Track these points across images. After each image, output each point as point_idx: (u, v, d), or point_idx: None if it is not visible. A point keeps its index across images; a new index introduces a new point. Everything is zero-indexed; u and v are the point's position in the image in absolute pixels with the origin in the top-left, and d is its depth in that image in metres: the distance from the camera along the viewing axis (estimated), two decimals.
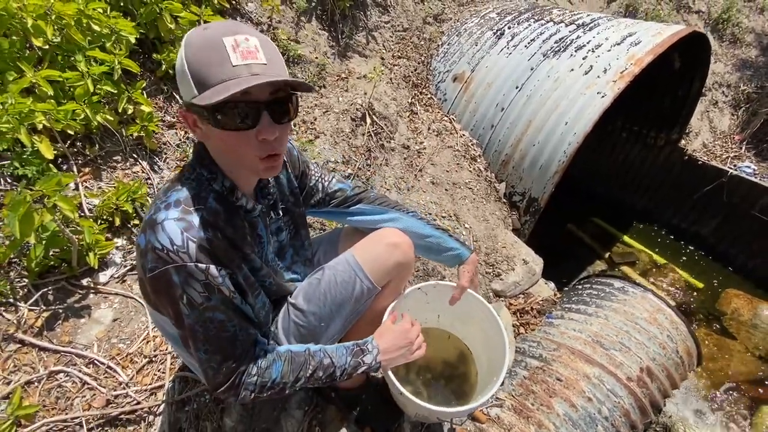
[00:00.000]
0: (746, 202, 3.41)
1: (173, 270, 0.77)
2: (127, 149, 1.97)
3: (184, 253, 0.76)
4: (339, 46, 2.90)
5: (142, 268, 0.81)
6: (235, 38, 0.71)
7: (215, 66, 0.71)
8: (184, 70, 0.73)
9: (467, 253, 1.27)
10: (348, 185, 1.23)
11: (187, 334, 0.84)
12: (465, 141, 2.88)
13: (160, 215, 0.78)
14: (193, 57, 0.72)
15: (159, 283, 0.79)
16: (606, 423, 1.76)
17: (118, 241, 1.74)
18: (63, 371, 1.39)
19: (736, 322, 3.15)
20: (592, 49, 2.54)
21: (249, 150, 0.79)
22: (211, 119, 0.74)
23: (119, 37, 1.93)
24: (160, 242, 0.76)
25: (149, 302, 0.95)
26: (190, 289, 0.79)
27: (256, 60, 0.72)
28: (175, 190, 0.82)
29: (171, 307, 0.82)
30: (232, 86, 0.69)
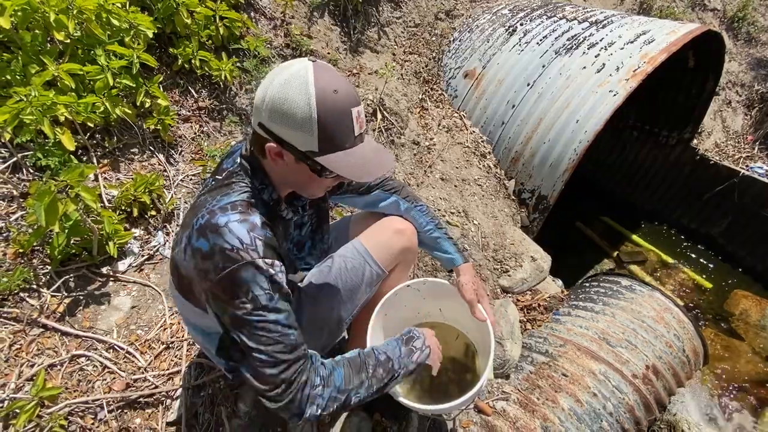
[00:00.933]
0: (757, 203, 3.38)
1: (243, 267, 0.79)
2: (145, 142, 2.02)
3: (253, 251, 0.80)
4: (351, 41, 2.92)
5: (205, 270, 0.81)
6: (357, 110, 0.83)
7: (344, 135, 0.82)
8: (311, 127, 0.79)
9: (460, 261, 1.28)
10: None
11: (246, 334, 0.82)
12: (475, 137, 2.89)
13: (221, 219, 0.81)
14: (326, 121, 0.79)
15: (227, 283, 0.79)
16: (610, 419, 1.78)
17: (135, 231, 1.79)
18: (84, 355, 1.44)
19: (744, 323, 3.14)
20: (605, 47, 2.53)
21: (324, 186, 0.94)
22: (319, 170, 0.85)
23: (138, 31, 1.97)
24: (230, 243, 0.79)
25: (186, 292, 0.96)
26: (257, 287, 0.80)
27: (363, 128, 0.87)
28: (225, 195, 0.86)
29: (235, 307, 0.80)
30: (362, 165, 0.84)
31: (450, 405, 1.08)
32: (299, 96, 0.77)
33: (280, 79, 0.79)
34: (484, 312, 1.19)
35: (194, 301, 0.96)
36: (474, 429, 1.70)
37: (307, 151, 0.81)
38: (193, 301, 0.97)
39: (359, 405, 0.95)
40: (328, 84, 0.78)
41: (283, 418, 0.93)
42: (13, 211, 1.62)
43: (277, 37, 2.60)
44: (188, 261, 0.85)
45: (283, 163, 0.86)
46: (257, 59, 2.40)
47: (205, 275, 0.82)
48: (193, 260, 0.83)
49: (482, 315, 1.19)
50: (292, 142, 0.81)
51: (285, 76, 0.79)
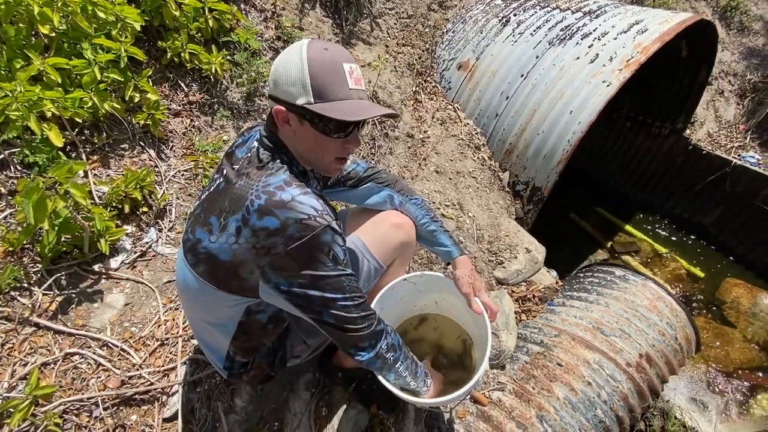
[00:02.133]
0: (749, 193, 3.41)
1: (323, 231, 0.85)
2: (135, 137, 1.99)
3: (327, 215, 0.87)
4: (343, 33, 2.89)
5: (270, 246, 0.85)
6: (351, 66, 0.89)
7: (337, 85, 0.86)
8: (304, 81, 0.85)
9: (456, 253, 1.28)
10: (362, 166, 1.27)
11: (334, 291, 0.90)
12: (469, 130, 2.88)
13: (285, 195, 0.85)
14: (316, 69, 0.85)
15: (306, 249, 0.84)
16: (605, 407, 1.80)
17: (127, 228, 1.77)
18: (78, 353, 1.43)
19: (735, 311, 3.19)
20: (599, 37, 2.52)
21: (333, 152, 0.95)
22: (319, 125, 0.89)
23: (125, 24, 1.93)
24: (305, 212, 0.84)
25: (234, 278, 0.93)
26: (336, 245, 0.88)
27: (361, 87, 0.91)
28: (269, 175, 0.90)
29: (317, 269, 0.87)
30: (358, 109, 0.86)
31: (446, 398, 1.09)
32: (294, 56, 0.86)
33: (283, 53, 0.90)
34: (481, 305, 1.19)
35: (234, 287, 0.93)
36: (470, 419, 1.71)
37: (303, 104, 0.86)
38: (232, 286, 0.94)
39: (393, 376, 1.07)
40: (320, 45, 0.88)
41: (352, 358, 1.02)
42: (2, 208, 1.60)
43: (268, 30, 2.56)
44: (242, 243, 0.87)
45: (290, 129, 0.92)
46: (248, 52, 2.36)
47: (268, 251, 0.85)
48: (252, 239, 0.85)
49: (479, 308, 1.18)
50: (291, 99, 0.87)
51: (287, 49, 0.90)
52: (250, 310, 1.00)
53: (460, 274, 1.23)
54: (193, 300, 1.02)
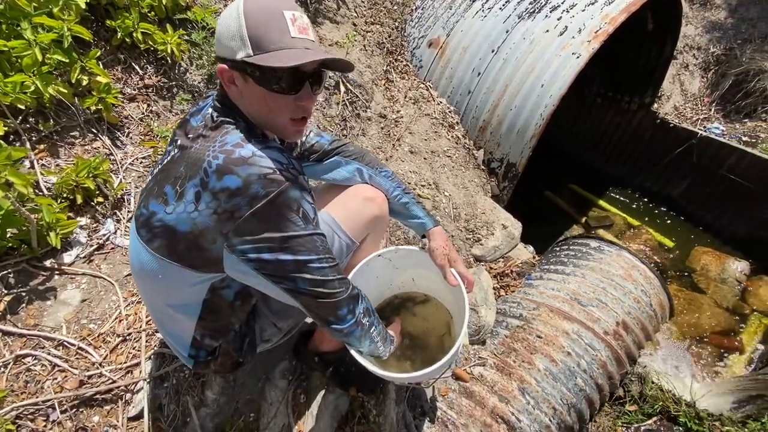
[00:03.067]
0: (714, 163, 3.50)
1: (290, 186, 0.79)
2: (86, 124, 1.85)
3: (293, 168, 0.81)
4: (308, 12, 2.77)
5: (233, 208, 0.77)
6: (293, 13, 0.81)
7: (277, 34, 0.79)
8: (241, 31, 0.79)
9: (430, 224, 1.24)
10: (327, 139, 1.20)
11: (307, 252, 0.83)
12: (442, 108, 2.83)
13: (244, 152, 0.78)
14: (253, 19, 0.78)
15: (273, 207, 0.78)
16: (585, 375, 1.82)
17: (81, 220, 1.66)
18: (30, 354, 1.33)
19: (705, 278, 3.29)
20: (567, 9, 2.50)
21: (286, 111, 0.87)
22: (262, 80, 0.81)
23: (67, 2, 1.78)
24: (268, 166, 0.78)
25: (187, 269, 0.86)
26: (305, 202, 0.82)
27: (308, 36, 0.83)
28: (224, 135, 0.83)
29: (281, 231, 0.80)
30: (297, 55, 0.78)
31: (423, 372, 1.05)
32: (233, 9, 0.80)
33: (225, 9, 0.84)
34: (457, 276, 1.15)
35: (196, 260, 0.86)
36: (453, 396, 1.70)
37: (243, 57, 0.80)
38: (194, 260, 0.86)
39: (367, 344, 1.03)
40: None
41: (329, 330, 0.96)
42: None
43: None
44: (202, 210, 0.79)
45: (237, 90, 0.86)
46: (206, 31, 2.23)
47: (231, 215, 0.78)
48: (213, 204, 0.78)
49: (454, 280, 1.15)
50: (231, 54, 0.81)
51: (229, 5, 0.84)
52: (214, 287, 0.92)
53: (434, 245, 1.19)
54: (151, 282, 0.94)
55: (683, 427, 1.93)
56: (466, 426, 1.59)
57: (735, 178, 3.40)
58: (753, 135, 3.69)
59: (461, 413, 1.63)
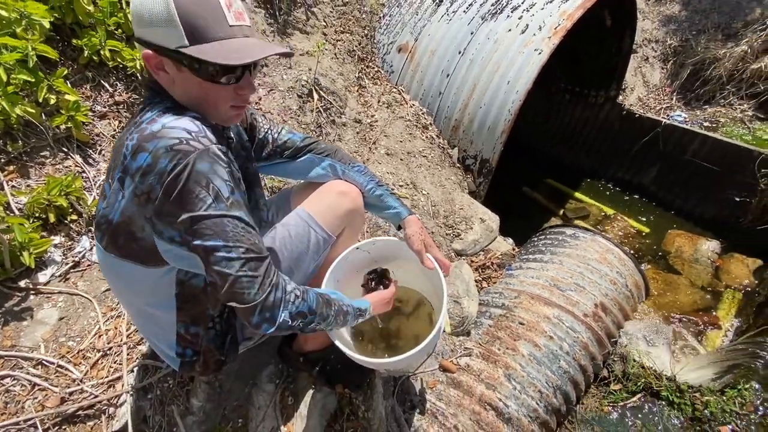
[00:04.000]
0: (679, 149, 3.66)
1: (199, 156, 0.73)
2: (55, 143, 1.84)
3: (204, 137, 0.75)
4: (278, 23, 2.82)
5: (149, 189, 0.73)
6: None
7: (214, 22, 0.74)
8: (171, 18, 0.73)
9: (405, 213, 1.27)
10: (298, 136, 1.22)
11: (215, 237, 0.74)
12: (415, 110, 2.90)
13: (155, 126, 0.74)
14: (187, 9, 0.72)
15: (184, 181, 0.72)
16: (568, 357, 1.87)
17: (55, 238, 1.64)
18: (9, 375, 1.30)
19: (680, 259, 3.41)
20: (527, 9, 2.61)
21: (226, 100, 0.83)
22: (200, 72, 0.77)
23: (31, 21, 1.78)
24: (176, 136, 0.72)
25: (128, 252, 0.85)
26: (217, 178, 0.75)
27: (245, 22, 0.80)
28: (144, 114, 0.79)
29: (195, 208, 0.73)
30: (240, 50, 0.75)
31: (406, 356, 1.06)
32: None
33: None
34: (433, 260, 1.18)
35: (136, 253, 0.84)
36: (441, 388, 1.72)
37: (177, 47, 0.74)
38: (134, 253, 0.84)
39: (312, 331, 0.94)
40: None
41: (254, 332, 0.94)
42: None
43: None
44: (126, 194, 0.77)
45: (168, 77, 0.81)
46: None
47: (148, 196, 0.74)
48: (132, 186, 0.75)
49: (430, 263, 1.18)
50: (162, 42, 0.75)
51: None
52: (181, 280, 0.92)
53: (410, 232, 1.22)
54: (118, 285, 0.95)
55: (665, 401, 1.99)
56: (455, 415, 1.61)
57: (700, 162, 3.56)
58: (714, 120, 3.87)
59: (450, 403, 1.65)
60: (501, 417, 1.64)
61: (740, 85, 3.88)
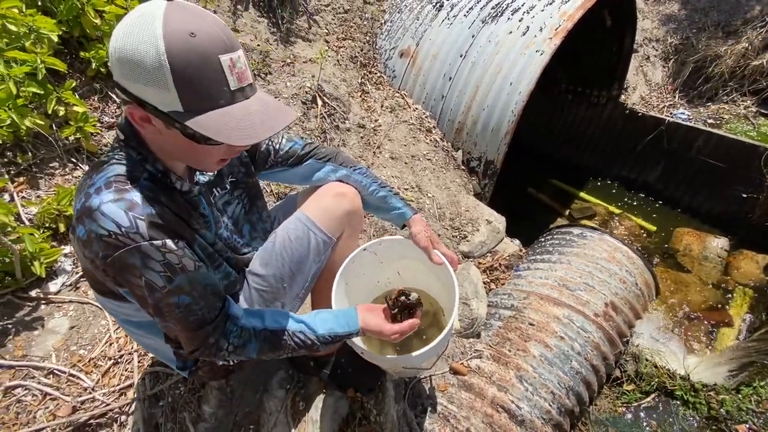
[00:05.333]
0: (684, 146, 3.64)
1: (128, 253, 0.72)
2: (64, 154, 1.86)
3: (135, 233, 0.71)
4: (280, 32, 2.85)
5: (92, 258, 0.75)
6: (231, 57, 0.68)
7: (213, 89, 0.68)
8: (162, 73, 0.64)
9: (410, 213, 1.27)
10: (299, 143, 1.22)
11: (153, 313, 0.83)
12: (419, 114, 2.91)
13: (94, 201, 0.71)
14: (184, 70, 0.64)
15: (116, 270, 0.75)
16: (579, 357, 1.85)
17: (65, 248, 1.65)
18: (20, 385, 1.30)
19: (688, 257, 3.38)
20: (527, 11, 2.62)
21: (215, 156, 0.79)
22: (194, 137, 0.71)
23: (39, 35, 1.81)
24: (105, 228, 0.70)
25: (101, 290, 0.90)
26: (150, 271, 0.74)
27: (247, 80, 0.73)
28: (101, 171, 0.75)
29: (133, 289, 0.79)
30: (243, 121, 0.70)
31: (420, 352, 1.05)
32: (145, 41, 0.62)
33: (126, 23, 0.65)
34: (441, 256, 1.18)
35: (109, 293, 0.90)
36: (452, 391, 1.70)
37: (170, 112, 0.67)
38: (108, 293, 0.90)
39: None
40: (181, 25, 0.64)
41: None
42: None
43: None
44: (78, 252, 0.80)
45: (154, 129, 0.74)
46: None
47: (93, 263, 0.75)
48: (80, 250, 0.77)
49: (438, 258, 1.18)
50: (151, 101, 0.67)
51: (132, 18, 0.65)
52: None
53: (416, 230, 1.22)
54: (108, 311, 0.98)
55: (680, 400, 1.96)
56: (467, 418, 1.59)
57: (705, 159, 3.54)
58: (717, 117, 3.86)
59: (462, 406, 1.63)
60: (514, 419, 1.62)
61: (742, 82, 3.87)
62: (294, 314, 1.00)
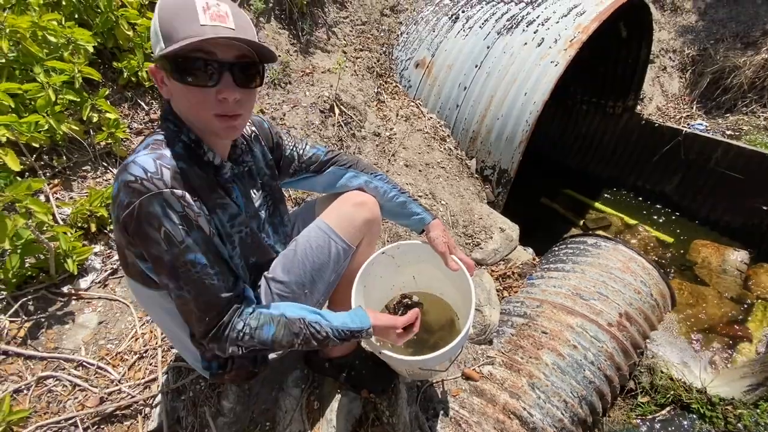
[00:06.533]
0: (702, 157, 3.60)
1: (148, 200, 0.75)
2: (96, 158, 1.96)
3: (159, 179, 0.76)
4: (300, 43, 2.95)
5: (116, 213, 0.79)
6: (207, 2, 0.77)
7: (183, 23, 0.75)
8: (155, 27, 0.78)
9: (429, 218, 1.30)
10: (322, 150, 1.27)
11: (168, 277, 0.81)
12: (433, 123, 2.96)
13: (130, 158, 0.79)
14: (164, 14, 0.77)
15: (136, 220, 0.76)
16: (593, 367, 1.84)
17: (95, 247, 1.73)
18: (52, 376, 1.37)
19: (706, 270, 3.32)
20: (542, 23, 2.66)
21: (207, 107, 0.81)
22: (175, 73, 0.78)
23: (77, 46, 1.92)
24: (133, 174, 0.75)
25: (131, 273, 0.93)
26: (169, 221, 0.77)
27: (224, 24, 0.77)
28: (142, 143, 0.85)
29: (150, 247, 0.78)
30: (193, 38, 0.74)
31: (437, 354, 1.08)
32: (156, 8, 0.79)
33: None
34: (458, 261, 1.21)
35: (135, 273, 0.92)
36: (464, 396, 1.72)
37: (158, 53, 0.78)
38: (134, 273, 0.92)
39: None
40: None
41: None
42: None
43: None
44: (114, 223, 0.84)
45: (168, 90, 0.84)
46: None
47: (119, 223, 0.79)
48: (112, 214, 0.81)
49: (455, 264, 1.20)
50: (155, 55, 0.80)
51: None
52: None
53: (434, 235, 1.25)
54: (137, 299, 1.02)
55: (697, 414, 1.93)
56: (479, 424, 1.60)
57: (724, 171, 3.49)
58: (736, 128, 3.81)
59: (473, 411, 1.65)
60: (526, 426, 1.63)
61: (762, 93, 3.82)
62: (309, 306, 1.04)
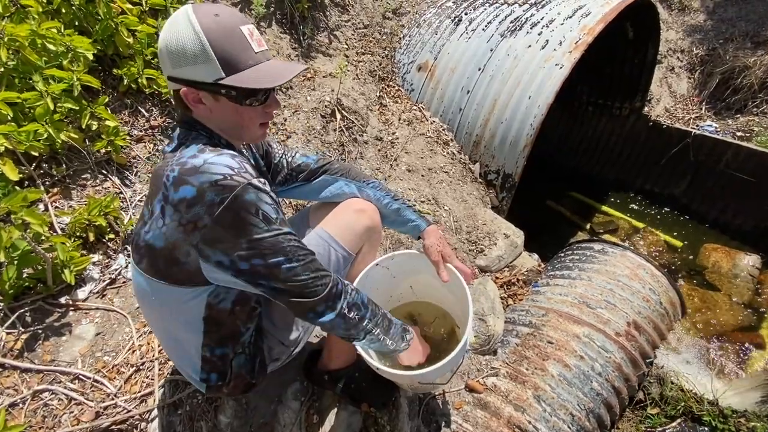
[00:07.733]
0: (712, 159, 3.53)
1: (243, 189, 0.79)
2: (96, 166, 1.95)
3: (246, 173, 0.82)
4: (302, 47, 2.93)
5: (195, 218, 0.80)
6: (248, 27, 0.85)
7: (241, 51, 0.83)
8: (207, 55, 0.81)
9: (424, 225, 1.28)
10: (312, 158, 1.25)
11: (272, 254, 0.84)
12: (436, 127, 2.92)
13: (197, 161, 0.81)
14: (219, 44, 0.81)
15: (231, 213, 0.79)
16: (600, 378, 1.79)
17: (94, 256, 1.72)
18: (47, 390, 1.35)
19: (717, 275, 3.24)
20: (546, 25, 2.62)
21: (255, 119, 0.93)
22: (237, 98, 0.86)
23: (76, 54, 1.91)
24: (219, 172, 0.79)
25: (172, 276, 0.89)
26: (264, 203, 0.82)
27: (265, 47, 0.89)
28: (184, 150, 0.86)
29: (250, 234, 0.81)
30: (271, 72, 0.85)
31: (435, 367, 1.05)
32: (185, 29, 0.80)
33: (166, 26, 0.84)
34: (453, 269, 1.18)
35: (177, 275, 0.89)
36: (467, 408, 1.68)
37: (215, 80, 0.83)
38: (175, 275, 0.89)
39: (364, 338, 1.02)
40: (207, 10, 0.82)
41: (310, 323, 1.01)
42: None
43: None
44: (168, 223, 0.82)
45: (205, 108, 0.89)
46: None
47: (194, 225, 0.80)
48: (176, 216, 0.81)
49: (446, 275, 1.18)
50: (200, 78, 0.83)
51: (168, 23, 0.84)
52: (210, 304, 0.94)
53: (428, 243, 1.23)
54: (150, 305, 0.98)
55: (708, 426, 1.87)
56: None
57: (734, 173, 3.42)
58: (747, 129, 3.73)
59: (477, 425, 1.60)
60: None
61: None
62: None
